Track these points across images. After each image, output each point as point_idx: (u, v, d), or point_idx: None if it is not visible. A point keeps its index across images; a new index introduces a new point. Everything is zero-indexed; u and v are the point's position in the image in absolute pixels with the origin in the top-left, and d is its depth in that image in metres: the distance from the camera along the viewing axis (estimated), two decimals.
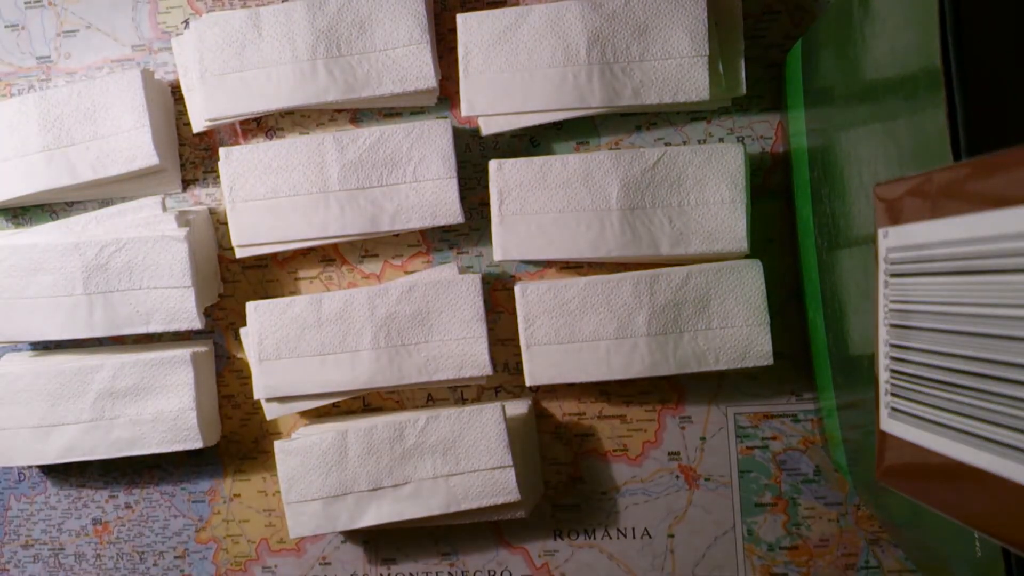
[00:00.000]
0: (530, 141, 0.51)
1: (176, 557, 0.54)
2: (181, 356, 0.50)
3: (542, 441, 0.51)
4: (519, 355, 0.51)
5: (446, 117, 0.51)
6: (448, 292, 0.48)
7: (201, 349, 0.52)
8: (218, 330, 0.54)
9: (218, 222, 0.53)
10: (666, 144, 0.50)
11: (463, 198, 0.51)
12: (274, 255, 0.53)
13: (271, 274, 0.53)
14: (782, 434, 0.49)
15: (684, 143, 0.50)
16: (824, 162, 0.42)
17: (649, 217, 0.46)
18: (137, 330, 0.50)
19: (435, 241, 0.52)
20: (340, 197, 0.48)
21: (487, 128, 0.49)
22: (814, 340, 0.47)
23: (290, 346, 0.49)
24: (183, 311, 0.50)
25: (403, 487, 0.47)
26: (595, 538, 0.51)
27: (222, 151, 0.49)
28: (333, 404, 0.52)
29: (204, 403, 0.51)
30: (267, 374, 0.49)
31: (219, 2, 0.53)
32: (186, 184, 0.53)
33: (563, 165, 0.47)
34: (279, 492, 0.53)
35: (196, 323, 0.50)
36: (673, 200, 0.46)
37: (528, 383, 0.47)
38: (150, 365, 0.50)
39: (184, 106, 0.53)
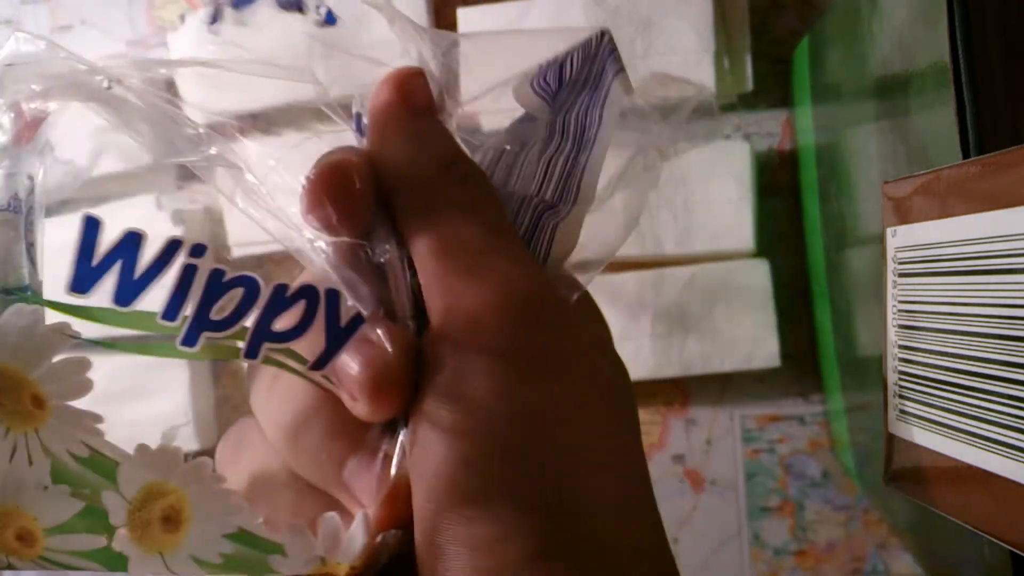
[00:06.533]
0: None
1: None
2: None
3: None
4: None
5: None
6: None
7: None
8: None
9: (211, 220, 0.53)
10: None
11: None
12: None
13: None
14: (789, 437, 0.49)
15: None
16: (832, 159, 0.41)
17: (653, 215, 0.46)
18: None
19: None
20: None
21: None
22: (822, 341, 0.47)
23: None
24: None
25: None
26: None
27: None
28: None
29: None
30: None
31: None
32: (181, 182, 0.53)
33: None
34: None
35: None
36: (678, 198, 0.46)
37: None
38: None
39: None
